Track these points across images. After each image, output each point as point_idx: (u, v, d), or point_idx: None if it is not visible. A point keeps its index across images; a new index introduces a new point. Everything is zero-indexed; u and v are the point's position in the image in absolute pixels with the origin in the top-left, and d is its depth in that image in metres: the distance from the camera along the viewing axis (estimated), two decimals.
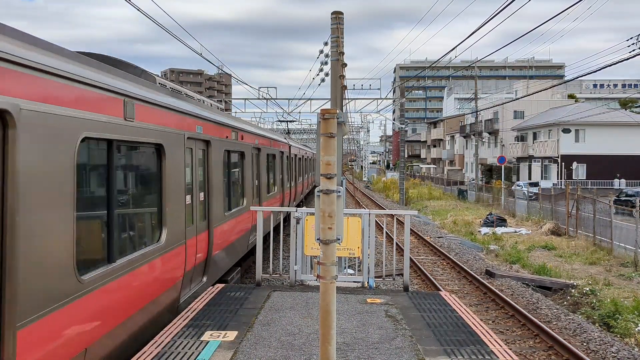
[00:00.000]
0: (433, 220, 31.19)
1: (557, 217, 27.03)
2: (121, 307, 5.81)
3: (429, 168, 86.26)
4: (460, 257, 18.63)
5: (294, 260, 9.35)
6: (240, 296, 8.39)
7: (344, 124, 8.11)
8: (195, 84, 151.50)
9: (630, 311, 11.75)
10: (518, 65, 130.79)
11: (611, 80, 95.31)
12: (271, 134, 17.87)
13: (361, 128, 79.27)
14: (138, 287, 6.26)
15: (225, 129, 10.48)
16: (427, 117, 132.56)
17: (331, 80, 14.30)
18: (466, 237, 24.06)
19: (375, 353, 6.07)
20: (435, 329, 6.93)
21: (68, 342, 4.74)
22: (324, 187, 3.94)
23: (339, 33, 13.44)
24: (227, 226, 10.49)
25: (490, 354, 6.11)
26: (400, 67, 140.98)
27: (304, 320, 7.19)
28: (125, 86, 5.98)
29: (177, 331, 6.71)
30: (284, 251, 10.28)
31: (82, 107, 5.00)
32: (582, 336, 10.54)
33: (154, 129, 6.75)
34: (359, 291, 8.86)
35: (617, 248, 19.70)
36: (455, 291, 13.83)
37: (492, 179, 56.61)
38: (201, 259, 8.78)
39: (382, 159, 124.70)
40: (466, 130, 69.88)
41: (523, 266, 17.54)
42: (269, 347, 6.19)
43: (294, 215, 9.18)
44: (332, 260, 3.99)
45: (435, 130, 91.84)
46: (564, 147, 51.36)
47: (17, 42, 4.18)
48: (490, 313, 12.12)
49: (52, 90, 4.56)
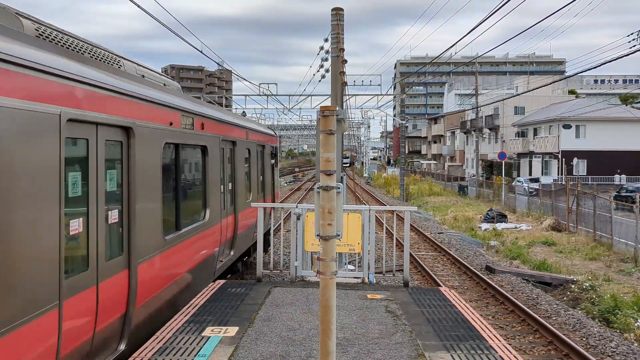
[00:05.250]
0: (433, 216, 31.21)
1: (557, 212, 27.05)
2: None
3: (430, 164, 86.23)
4: (461, 253, 18.66)
5: (294, 256, 9.39)
6: (241, 292, 8.43)
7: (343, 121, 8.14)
8: (196, 80, 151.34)
9: (630, 306, 11.78)
10: (519, 61, 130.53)
11: (612, 76, 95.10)
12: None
13: (362, 124, 79.19)
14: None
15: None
16: (427, 113, 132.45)
17: (331, 76, 14.29)
18: (466, 233, 24.08)
19: (375, 348, 6.11)
20: (435, 325, 6.97)
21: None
22: (323, 183, 3.97)
23: (339, 29, 13.42)
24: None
25: (490, 349, 6.14)
26: (400, 63, 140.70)
27: (305, 316, 7.23)
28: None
29: (178, 327, 6.76)
30: (284, 247, 10.32)
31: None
32: (581, 331, 10.57)
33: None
34: (359, 287, 8.90)
35: (617, 244, 19.73)
36: (455, 287, 13.87)
37: (493, 174, 56.59)
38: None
39: (383, 155, 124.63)
40: (467, 126, 69.83)
41: (523, 262, 17.57)
42: (270, 343, 6.23)
43: (294, 211, 9.21)
44: (332, 256, 4.02)
45: (436, 126, 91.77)
46: (565, 142, 51.33)
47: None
48: (490, 309, 12.16)
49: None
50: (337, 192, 4.01)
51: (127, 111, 6.01)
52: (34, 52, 4.48)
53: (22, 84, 4.23)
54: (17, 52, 4.21)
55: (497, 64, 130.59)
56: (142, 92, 6.51)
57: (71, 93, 4.88)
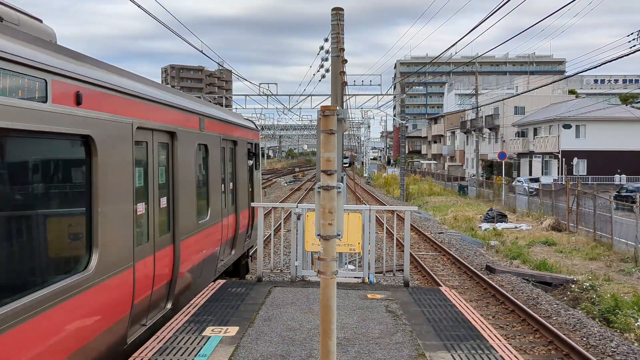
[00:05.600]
0: (434, 216, 31.22)
1: (557, 212, 27.05)
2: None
3: (430, 164, 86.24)
4: (461, 252, 18.67)
5: (294, 256, 9.40)
6: (241, 292, 8.43)
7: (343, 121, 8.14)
8: (196, 80, 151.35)
9: (630, 306, 11.78)
10: (519, 61, 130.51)
11: (612, 76, 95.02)
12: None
13: (362, 124, 79.19)
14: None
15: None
16: (427, 113, 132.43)
17: (331, 76, 14.31)
18: (467, 233, 24.09)
19: (376, 348, 6.11)
20: (435, 324, 6.97)
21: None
22: (324, 183, 3.97)
23: (339, 29, 13.43)
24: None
25: (490, 348, 6.14)
26: (400, 62, 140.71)
27: (305, 316, 7.23)
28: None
29: (178, 326, 6.76)
30: (284, 247, 10.31)
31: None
32: (582, 331, 10.57)
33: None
34: (360, 287, 8.90)
35: (617, 243, 19.73)
36: (455, 287, 13.86)
37: (493, 174, 56.58)
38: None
39: (383, 155, 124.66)
40: (467, 126, 69.83)
41: (523, 262, 17.58)
42: (270, 343, 6.23)
43: (295, 211, 9.22)
44: (332, 256, 4.02)
45: (436, 126, 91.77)
46: (565, 142, 51.34)
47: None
48: (491, 308, 12.16)
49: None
50: (338, 192, 4.01)
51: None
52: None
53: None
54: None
55: (497, 64, 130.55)
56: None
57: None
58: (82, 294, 4.98)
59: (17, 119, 4.07)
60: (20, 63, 4.09)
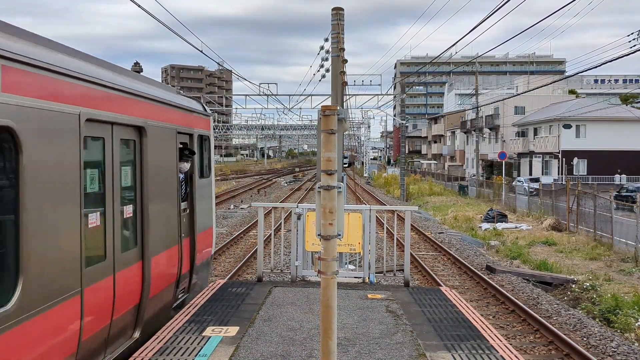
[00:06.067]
0: (434, 216, 31.20)
1: (557, 212, 27.03)
2: None
3: (430, 164, 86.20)
4: (461, 252, 18.65)
5: (295, 256, 9.39)
6: (241, 292, 8.43)
7: (344, 121, 8.14)
8: (196, 80, 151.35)
9: (631, 306, 11.77)
10: (519, 60, 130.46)
11: (612, 76, 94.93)
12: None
13: (362, 124, 79.17)
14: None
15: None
16: (427, 112, 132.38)
17: (332, 76, 14.30)
18: (467, 233, 24.07)
19: (376, 348, 6.10)
20: (435, 324, 6.96)
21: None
22: (324, 182, 3.97)
23: (339, 29, 13.43)
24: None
25: (491, 348, 6.14)
26: (400, 62, 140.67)
27: (305, 316, 7.22)
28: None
29: (178, 327, 6.75)
30: (285, 247, 10.30)
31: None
32: (582, 331, 10.56)
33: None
34: (360, 286, 8.89)
35: (617, 243, 19.71)
36: (455, 287, 13.85)
37: (493, 174, 56.56)
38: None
39: (383, 155, 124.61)
40: (467, 126, 69.79)
41: (524, 262, 17.56)
42: (271, 343, 6.22)
43: (295, 211, 9.21)
44: (333, 256, 4.02)
45: (436, 126, 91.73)
46: (565, 142, 51.31)
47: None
48: (491, 308, 12.15)
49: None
50: (338, 192, 4.00)
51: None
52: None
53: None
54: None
55: (497, 63, 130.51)
56: None
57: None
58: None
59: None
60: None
